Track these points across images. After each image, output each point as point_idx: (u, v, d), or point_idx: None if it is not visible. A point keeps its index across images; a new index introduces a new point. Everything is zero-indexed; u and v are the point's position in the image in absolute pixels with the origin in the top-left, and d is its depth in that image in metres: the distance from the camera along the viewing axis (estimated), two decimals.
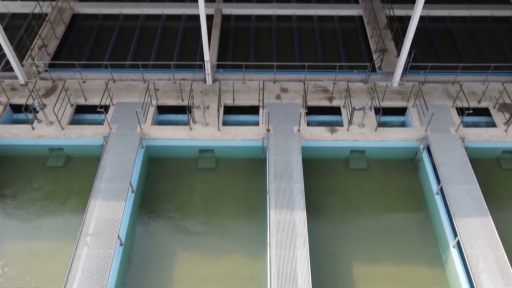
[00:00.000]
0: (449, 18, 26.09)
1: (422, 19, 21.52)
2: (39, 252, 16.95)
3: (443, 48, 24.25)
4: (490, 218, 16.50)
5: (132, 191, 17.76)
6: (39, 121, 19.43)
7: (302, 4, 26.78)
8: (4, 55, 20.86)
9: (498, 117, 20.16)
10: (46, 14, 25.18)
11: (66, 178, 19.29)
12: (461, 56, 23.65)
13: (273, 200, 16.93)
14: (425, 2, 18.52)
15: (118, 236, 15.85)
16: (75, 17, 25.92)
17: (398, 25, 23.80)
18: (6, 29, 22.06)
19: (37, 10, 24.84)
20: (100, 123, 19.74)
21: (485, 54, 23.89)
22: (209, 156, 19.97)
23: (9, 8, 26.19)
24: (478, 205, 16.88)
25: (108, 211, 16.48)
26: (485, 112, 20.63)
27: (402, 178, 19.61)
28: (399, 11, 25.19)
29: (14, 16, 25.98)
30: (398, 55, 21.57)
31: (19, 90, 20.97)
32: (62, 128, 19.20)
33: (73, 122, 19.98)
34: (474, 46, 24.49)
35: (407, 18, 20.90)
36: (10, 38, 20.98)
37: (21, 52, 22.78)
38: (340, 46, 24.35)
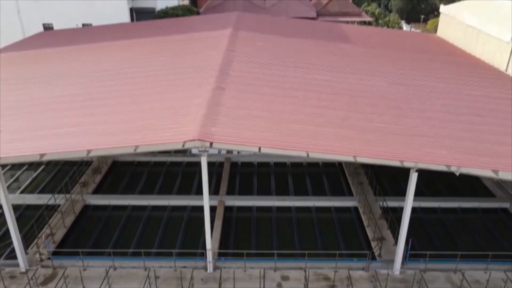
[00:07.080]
0: (439, 209, 27.46)
1: (414, 210, 22.85)
2: None
3: (438, 236, 24.90)
4: None
5: None
6: None
7: (300, 196, 28.54)
8: (10, 243, 21.44)
9: None
10: (58, 205, 26.65)
11: None
12: (457, 244, 24.10)
13: None
14: (415, 195, 20.05)
15: None
16: (86, 207, 27.36)
17: (393, 215, 25.03)
18: (18, 219, 23.01)
19: (51, 202, 26.40)
20: None
21: (480, 242, 24.40)
22: None
23: (25, 200, 27.85)
24: None
25: None
26: None
27: None
28: (391, 203, 26.71)
29: (28, 207, 27.40)
30: (396, 243, 22.09)
31: (18, 278, 20.83)
32: None
33: None
34: (468, 235, 25.14)
35: (400, 209, 22.16)
36: (20, 227, 21.90)
37: (28, 240, 23.41)
38: (339, 235, 25.03)
